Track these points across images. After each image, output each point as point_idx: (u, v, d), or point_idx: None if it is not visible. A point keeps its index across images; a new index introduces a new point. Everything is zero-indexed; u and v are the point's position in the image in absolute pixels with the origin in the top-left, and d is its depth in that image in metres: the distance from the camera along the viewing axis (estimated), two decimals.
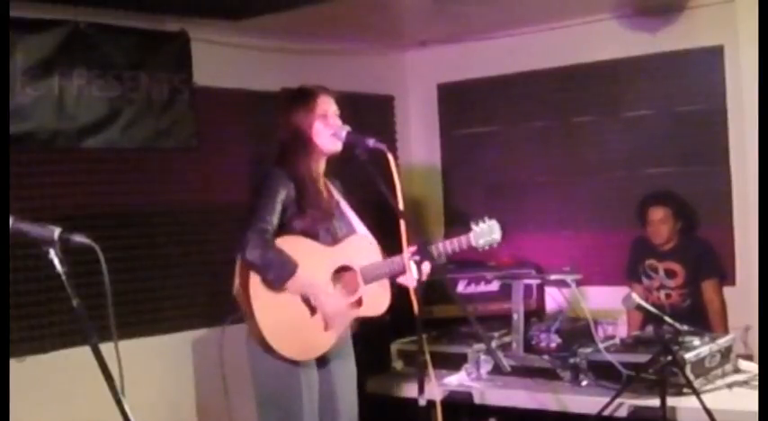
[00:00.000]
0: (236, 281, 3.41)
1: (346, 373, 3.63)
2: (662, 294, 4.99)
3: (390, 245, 3.54)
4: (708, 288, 4.94)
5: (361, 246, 3.57)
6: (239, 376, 4.79)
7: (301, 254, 3.39)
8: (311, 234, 3.45)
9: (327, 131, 3.46)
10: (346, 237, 3.57)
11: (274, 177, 3.42)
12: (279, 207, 3.38)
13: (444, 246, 3.58)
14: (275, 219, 3.37)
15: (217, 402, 4.81)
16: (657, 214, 4.96)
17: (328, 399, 3.55)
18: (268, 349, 3.37)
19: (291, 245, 3.39)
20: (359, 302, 3.53)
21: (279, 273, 3.33)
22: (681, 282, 4.95)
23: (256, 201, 3.40)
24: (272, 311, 3.36)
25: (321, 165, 3.56)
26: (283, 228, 3.41)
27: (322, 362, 3.52)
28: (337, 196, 3.64)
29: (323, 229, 3.49)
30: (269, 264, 3.31)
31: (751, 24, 4.04)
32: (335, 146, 3.48)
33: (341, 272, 3.53)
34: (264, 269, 3.32)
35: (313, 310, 3.43)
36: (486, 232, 3.61)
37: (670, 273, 4.97)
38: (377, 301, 3.57)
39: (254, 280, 3.35)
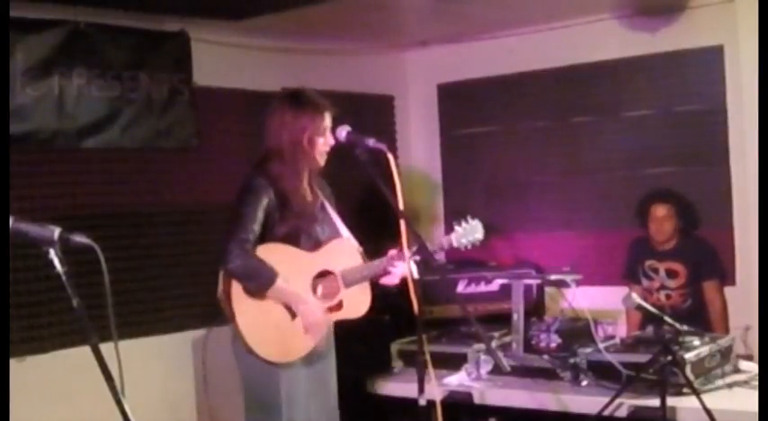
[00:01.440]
0: (220, 287, 3.45)
1: (327, 371, 3.66)
2: (662, 295, 4.98)
3: (390, 245, 3.55)
4: (709, 288, 4.94)
5: (341, 250, 3.60)
6: (238, 376, 4.81)
7: (282, 261, 3.41)
8: (293, 239, 3.47)
9: (325, 149, 3.49)
10: (328, 241, 3.59)
11: (258, 184, 3.44)
12: (261, 215, 3.41)
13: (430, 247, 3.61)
14: (257, 228, 3.39)
15: (216, 401, 4.82)
16: (661, 211, 4.96)
17: (319, 396, 3.58)
18: (250, 351, 3.41)
19: (271, 252, 3.41)
20: (339, 305, 3.55)
21: (259, 283, 3.38)
22: (682, 282, 4.95)
23: (239, 208, 3.41)
24: (254, 315, 3.41)
25: (306, 172, 3.57)
26: (266, 234, 3.43)
27: (310, 361, 3.54)
28: (321, 197, 3.64)
29: (304, 234, 3.51)
30: (249, 273, 3.37)
31: (751, 24, 4.04)
32: (323, 161, 3.53)
33: (322, 276, 3.55)
34: (245, 278, 3.38)
35: (294, 315, 3.46)
36: (468, 232, 3.67)
37: (671, 273, 4.97)
38: (357, 304, 3.59)
39: (237, 286, 3.40)
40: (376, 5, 4.93)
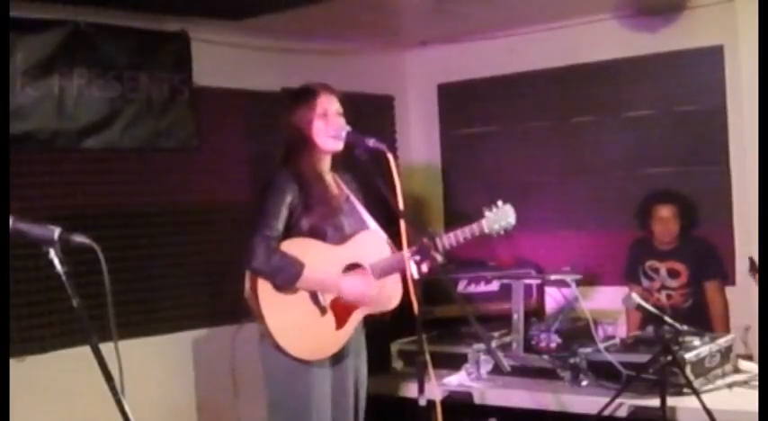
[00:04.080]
0: (247, 285, 3.43)
1: (359, 369, 3.63)
2: (663, 295, 4.97)
3: (391, 245, 3.54)
4: (710, 288, 4.93)
5: (369, 242, 3.55)
6: (242, 375, 4.81)
7: (309, 255, 3.39)
8: (319, 232, 3.45)
9: (327, 131, 3.45)
10: (355, 233, 3.55)
11: (281, 180, 3.43)
12: (285, 211, 3.40)
13: (456, 236, 3.52)
14: (280, 225, 3.39)
15: (217, 402, 4.82)
16: (665, 211, 4.94)
17: (341, 395, 3.55)
18: (280, 350, 3.38)
19: (298, 247, 3.39)
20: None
21: (286, 276, 3.35)
22: (684, 282, 4.94)
23: (263, 205, 3.41)
24: (282, 313, 3.38)
25: (326, 163, 3.55)
26: (291, 229, 3.42)
27: (337, 359, 3.52)
28: (347, 191, 3.62)
29: (330, 227, 3.48)
30: (275, 269, 3.34)
31: (751, 24, 4.04)
32: (336, 145, 3.48)
33: (351, 269, 3.52)
34: (272, 275, 3.35)
35: (323, 310, 3.43)
36: (500, 217, 3.56)
37: (673, 273, 4.96)
38: (388, 297, 3.55)
39: (263, 284, 3.38)
40: (376, 5, 4.93)
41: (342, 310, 3.48)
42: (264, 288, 3.37)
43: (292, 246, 3.39)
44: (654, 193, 5.08)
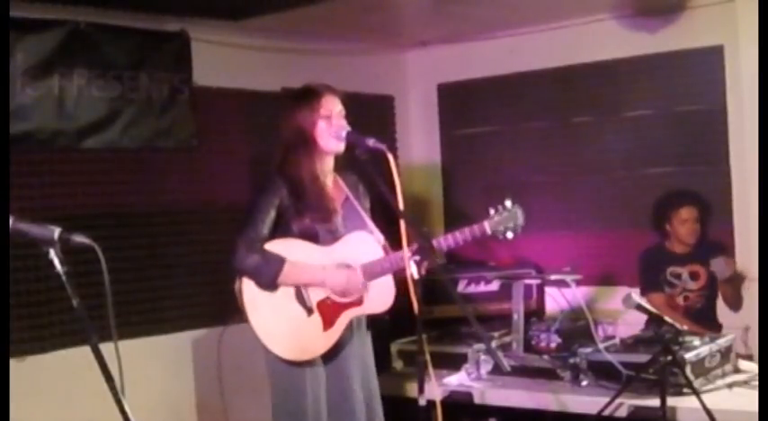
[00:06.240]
0: (236, 285, 3.44)
1: (366, 375, 3.61)
2: (681, 298, 4.93)
3: (391, 245, 3.54)
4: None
5: (360, 242, 3.54)
6: (241, 375, 4.81)
7: (295, 256, 3.39)
8: (310, 235, 3.44)
9: (330, 132, 3.45)
10: (346, 234, 3.55)
11: (271, 183, 3.44)
12: (272, 213, 3.41)
13: (458, 236, 3.48)
14: (265, 226, 3.39)
15: (217, 402, 4.83)
16: (691, 213, 4.89)
17: (341, 399, 3.53)
18: (266, 349, 3.40)
19: (284, 247, 3.39)
20: (360, 300, 3.52)
21: (267, 273, 3.35)
22: (702, 284, 4.90)
23: (251, 207, 3.43)
24: (267, 314, 3.39)
25: (327, 164, 3.54)
26: (282, 231, 3.42)
27: (331, 361, 3.51)
28: (348, 193, 3.61)
29: (323, 229, 3.47)
30: (256, 267, 3.35)
31: (751, 24, 4.04)
32: (338, 146, 3.47)
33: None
34: (254, 274, 3.37)
35: (309, 311, 3.43)
36: (506, 219, 3.51)
37: (694, 276, 4.91)
38: (380, 298, 3.54)
39: (247, 284, 3.39)
40: (376, 5, 4.93)
41: (329, 311, 3.46)
42: (249, 288, 3.39)
43: (278, 246, 3.39)
44: (675, 194, 5.00)
